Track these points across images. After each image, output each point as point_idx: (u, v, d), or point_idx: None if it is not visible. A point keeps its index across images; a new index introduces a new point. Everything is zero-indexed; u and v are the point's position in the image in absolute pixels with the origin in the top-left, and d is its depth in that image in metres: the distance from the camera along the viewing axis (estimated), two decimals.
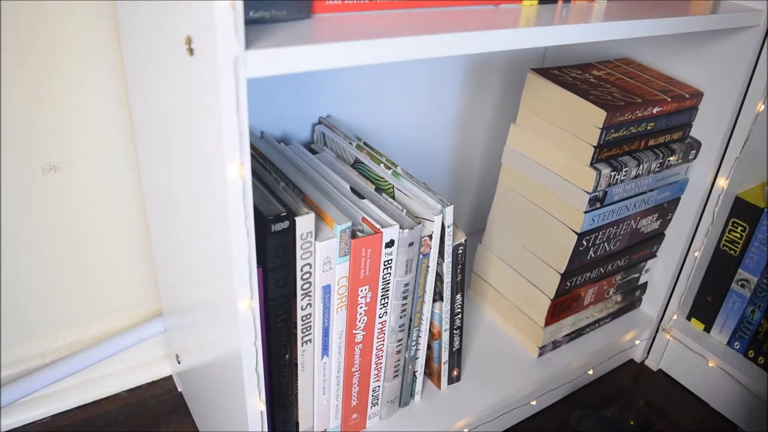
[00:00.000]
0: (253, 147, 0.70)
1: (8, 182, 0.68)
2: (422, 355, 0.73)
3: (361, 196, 0.64)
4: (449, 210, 0.64)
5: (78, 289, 0.79)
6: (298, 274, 0.56)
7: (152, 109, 0.57)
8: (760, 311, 0.87)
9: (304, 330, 0.60)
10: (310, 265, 0.56)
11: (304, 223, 0.53)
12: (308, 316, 0.60)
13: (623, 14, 0.60)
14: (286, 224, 0.52)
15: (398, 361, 0.70)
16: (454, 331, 0.75)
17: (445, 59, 0.90)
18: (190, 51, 0.41)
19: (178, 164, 0.53)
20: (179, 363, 0.81)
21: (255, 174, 0.60)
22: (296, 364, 0.62)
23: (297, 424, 0.66)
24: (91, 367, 0.81)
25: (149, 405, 0.83)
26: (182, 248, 0.61)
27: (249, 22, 0.42)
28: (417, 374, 0.74)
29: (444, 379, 0.78)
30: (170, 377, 0.87)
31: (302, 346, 0.61)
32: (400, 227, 0.60)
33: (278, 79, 0.76)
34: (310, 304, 0.59)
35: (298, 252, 0.55)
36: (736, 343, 0.90)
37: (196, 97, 0.43)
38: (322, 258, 0.56)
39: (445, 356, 0.75)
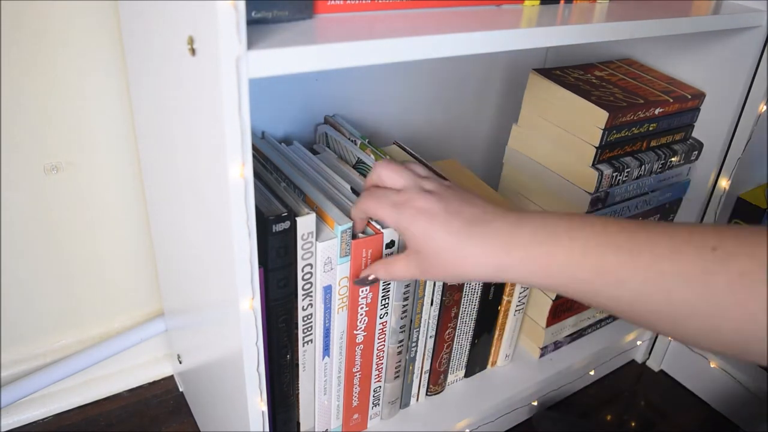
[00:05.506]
0: (254, 147, 0.70)
1: (10, 182, 0.68)
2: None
3: None
4: None
5: (79, 288, 0.79)
6: (299, 274, 0.56)
7: (154, 110, 0.57)
8: None
9: (305, 330, 0.60)
10: (311, 265, 0.56)
11: (305, 223, 0.53)
12: (309, 317, 0.60)
13: (625, 15, 0.60)
14: (287, 224, 0.52)
15: (399, 361, 0.70)
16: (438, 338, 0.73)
17: (446, 59, 0.90)
18: (192, 51, 0.41)
19: (180, 164, 0.53)
20: (180, 363, 0.81)
21: (256, 174, 0.60)
22: (297, 365, 0.62)
23: (298, 424, 0.66)
24: (93, 366, 0.81)
25: (150, 405, 0.83)
26: (184, 248, 0.61)
27: (251, 23, 0.42)
28: (416, 375, 0.74)
29: (423, 388, 0.76)
30: (171, 377, 0.87)
31: (303, 346, 0.61)
32: None
33: (279, 79, 0.76)
34: (311, 305, 0.59)
35: (299, 252, 0.55)
36: None
37: (197, 97, 0.43)
38: (323, 258, 0.56)
39: (426, 365, 0.74)
